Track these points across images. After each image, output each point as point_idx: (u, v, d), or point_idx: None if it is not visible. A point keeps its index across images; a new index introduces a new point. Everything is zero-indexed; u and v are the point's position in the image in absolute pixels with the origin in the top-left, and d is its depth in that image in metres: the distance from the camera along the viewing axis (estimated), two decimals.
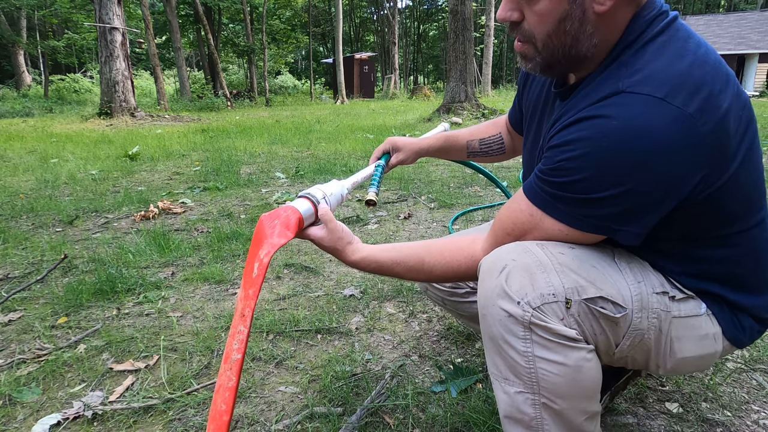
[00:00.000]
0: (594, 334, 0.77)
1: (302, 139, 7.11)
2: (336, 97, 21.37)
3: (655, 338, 0.80)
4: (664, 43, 0.73)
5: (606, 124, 0.69)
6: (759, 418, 1.17)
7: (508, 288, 0.75)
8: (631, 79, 0.70)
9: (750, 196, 0.79)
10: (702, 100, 0.67)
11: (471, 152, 1.31)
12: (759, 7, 30.87)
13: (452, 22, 9.75)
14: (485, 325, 0.79)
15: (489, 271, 0.78)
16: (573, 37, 0.75)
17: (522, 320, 0.73)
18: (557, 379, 0.75)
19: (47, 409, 1.26)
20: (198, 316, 1.75)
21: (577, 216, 0.75)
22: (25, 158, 5.44)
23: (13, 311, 1.79)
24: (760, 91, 21.14)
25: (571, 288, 0.74)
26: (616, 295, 0.76)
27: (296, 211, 0.90)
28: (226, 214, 3.10)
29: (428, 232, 2.68)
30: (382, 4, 34.27)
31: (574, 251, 0.78)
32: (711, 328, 0.84)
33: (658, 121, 0.66)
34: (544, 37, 0.77)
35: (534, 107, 1.01)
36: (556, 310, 0.74)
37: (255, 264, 0.82)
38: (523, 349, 0.75)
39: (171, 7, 17.33)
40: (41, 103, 16.79)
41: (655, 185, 0.69)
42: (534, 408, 0.77)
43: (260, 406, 1.26)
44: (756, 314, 0.86)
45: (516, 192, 0.85)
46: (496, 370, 0.80)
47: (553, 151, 0.74)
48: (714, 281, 0.83)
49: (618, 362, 0.85)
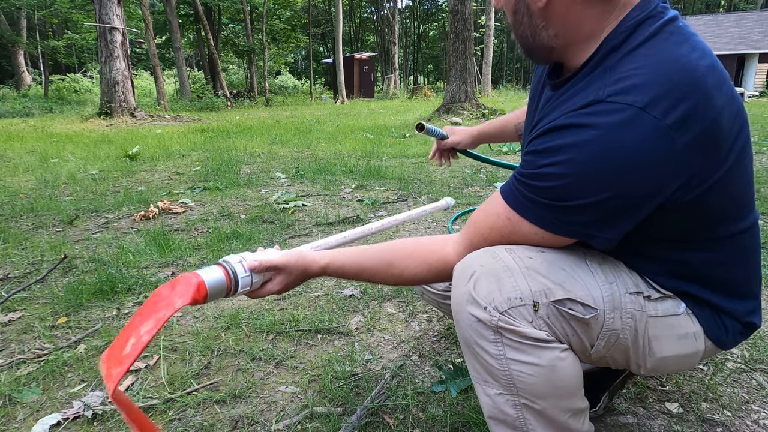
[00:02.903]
0: (566, 335, 0.77)
1: (302, 139, 7.11)
2: (336, 97, 21.36)
3: (632, 338, 0.80)
4: (655, 47, 0.72)
5: (584, 134, 0.69)
6: (759, 418, 1.17)
7: (476, 294, 0.76)
8: (615, 86, 0.70)
9: (737, 201, 0.79)
10: (687, 108, 0.67)
11: (520, 134, 1.34)
12: (759, 7, 30.86)
13: (452, 22, 9.75)
14: (459, 330, 0.80)
15: (459, 277, 0.80)
16: (529, 28, 0.81)
17: (490, 324, 0.75)
18: (532, 380, 0.76)
19: (47, 409, 1.26)
20: (198, 316, 1.75)
21: (555, 221, 0.75)
22: (25, 158, 5.44)
23: (13, 311, 1.79)
24: (760, 91, 21.13)
25: (538, 291, 0.75)
26: (586, 297, 0.77)
27: (197, 275, 0.80)
28: (226, 214, 3.11)
29: (428, 232, 2.68)
30: (382, 4, 34.27)
31: (543, 255, 0.78)
32: (691, 327, 0.84)
33: (635, 133, 0.67)
34: (512, 28, 0.85)
35: (534, 92, 1.01)
36: (524, 313, 0.75)
37: (131, 340, 0.70)
38: (496, 353, 0.76)
39: (171, 7, 17.33)
40: (41, 103, 16.79)
41: (633, 194, 0.70)
42: (515, 409, 0.78)
43: (260, 406, 1.26)
44: (738, 318, 0.86)
45: (491, 195, 0.85)
46: (476, 373, 0.82)
47: (534, 156, 0.75)
48: (695, 283, 0.83)
49: (600, 362, 0.85)
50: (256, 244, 2.45)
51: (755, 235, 0.84)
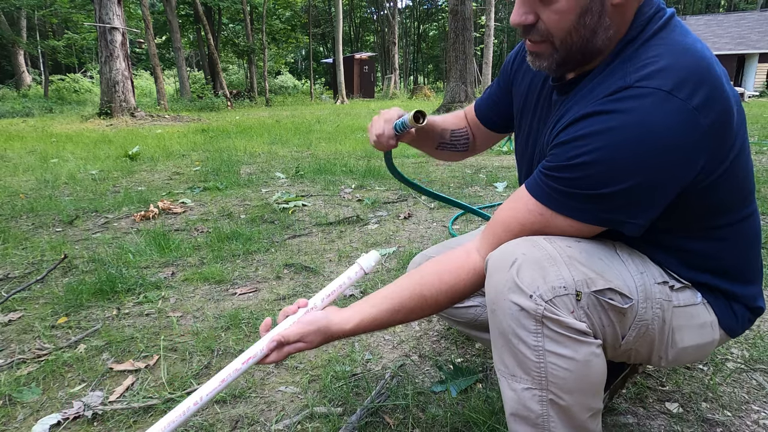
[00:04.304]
0: (602, 326, 0.77)
1: (302, 139, 7.11)
2: (336, 97, 21.36)
3: (659, 329, 0.81)
4: (666, 38, 0.75)
5: (616, 119, 0.70)
6: (759, 418, 1.17)
7: (520, 281, 0.74)
8: (639, 73, 0.72)
9: (741, 189, 0.81)
10: (707, 92, 0.69)
11: (441, 143, 1.20)
12: (759, 7, 30.86)
13: (452, 22, 9.75)
14: (495, 320, 0.78)
15: (498, 265, 0.78)
16: (591, 31, 0.76)
17: (534, 314, 0.73)
18: (566, 374, 0.75)
19: (47, 409, 1.26)
20: (198, 316, 1.75)
21: (589, 211, 0.75)
22: (25, 158, 5.44)
23: (13, 311, 1.79)
24: (760, 91, 21.14)
25: (580, 280, 0.75)
26: (623, 287, 0.77)
27: None
28: (226, 214, 3.10)
29: (428, 232, 2.68)
30: (382, 4, 34.28)
31: (580, 244, 0.79)
32: (708, 317, 0.86)
33: (666, 116, 0.68)
34: (563, 35, 0.77)
35: (525, 101, 1.00)
36: (566, 302, 0.74)
37: None
38: (534, 344, 0.75)
39: (171, 7, 17.33)
40: (41, 103, 16.77)
41: (662, 177, 0.71)
42: (541, 405, 0.77)
43: (260, 406, 1.26)
44: (747, 303, 0.88)
45: (515, 192, 0.84)
46: (504, 367, 0.80)
47: (563, 148, 0.75)
48: (706, 272, 0.85)
49: (622, 356, 0.86)
50: (256, 244, 2.46)
51: (756, 222, 0.87)
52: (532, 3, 0.77)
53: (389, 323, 0.88)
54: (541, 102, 0.95)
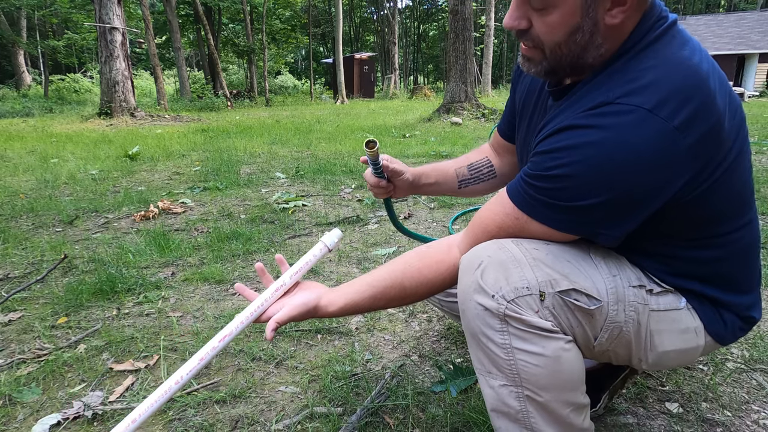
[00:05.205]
0: (571, 326, 0.78)
1: (302, 139, 7.11)
2: (336, 97, 21.35)
3: (634, 331, 0.81)
4: (659, 50, 0.74)
5: (595, 135, 0.70)
6: (759, 418, 1.17)
7: (484, 283, 0.77)
8: (623, 88, 0.71)
9: (738, 198, 0.80)
10: (692, 109, 0.68)
11: (462, 180, 1.23)
12: (759, 7, 30.86)
13: (452, 22, 9.75)
14: (465, 320, 0.81)
15: (466, 268, 0.81)
16: (582, 48, 0.76)
17: (497, 313, 0.76)
18: (537, 370, 0.76)
19: (47, 409, 1.26)
20: (198, 316, 1.75)
21: (563, 220, 0.76)
22: (25, 158, 5.44)
23: (13, 311, 1.79)
24: (760, 91, 21.12)
25: (544, 281, 0.76)
26: (590, 288, 0.78)
27: None
28: (226, 214, 3.11)
29: (428, 232, 2.68)
30: (382, 4, 34.28)
31: (548, 247, 0.80)
32: (692, 322, 0.85)
33: (643, 135, 0.68)
34: (552, 46, 0.77)
35: (525, 102, 1.01)
36: (530, 302, 0.75)
37: None
38: (501, 341, 0.77)
39: (171, 7, 17.34)
40: (41, 103, 16.77)
41: (639, 194, 0.71)
42: (518, 401, 0.79)
43: (260, 406, 1.26)
44: (738, 312, 0.87)
45: (498, 194, 0.85)
46: (480, 365, 0.82)
47: (542, 157, 0.75)
48: (695, 280, 0.84)
49: (602, 357, 0.86)
50: (256, 244, 2.45)
51: (754, 231, 0.86)
52: (527, 9, 0.77)
53: (370, 309, 0.94)
54: (538, 106, 0.96)
